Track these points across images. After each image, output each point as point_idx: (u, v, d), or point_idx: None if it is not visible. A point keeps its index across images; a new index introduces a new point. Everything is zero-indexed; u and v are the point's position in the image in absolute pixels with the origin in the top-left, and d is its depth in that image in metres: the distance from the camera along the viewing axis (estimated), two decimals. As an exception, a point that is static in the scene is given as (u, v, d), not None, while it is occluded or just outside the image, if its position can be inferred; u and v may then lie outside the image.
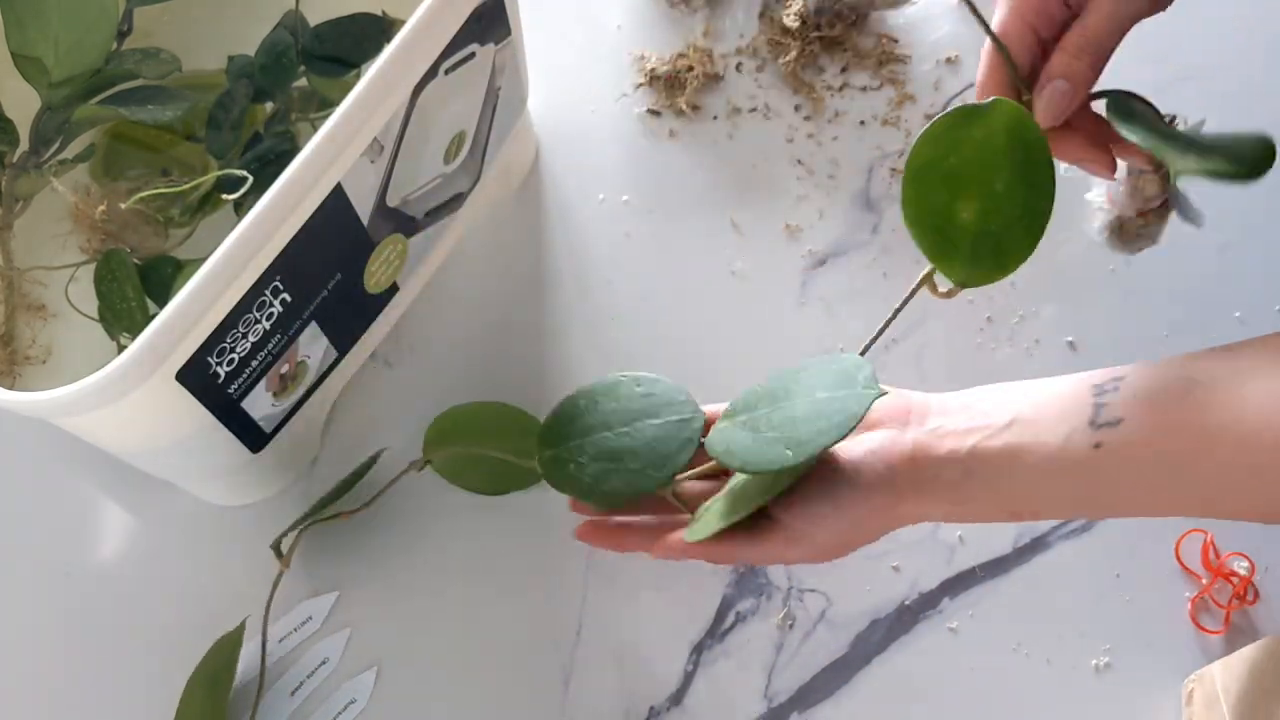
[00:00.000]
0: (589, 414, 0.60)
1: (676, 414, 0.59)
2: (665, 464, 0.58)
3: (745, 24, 0.78)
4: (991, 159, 0.45)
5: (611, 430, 0.59)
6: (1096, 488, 0.46)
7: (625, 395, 0.60)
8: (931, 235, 0.48)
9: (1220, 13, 0.78)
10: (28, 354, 0.65)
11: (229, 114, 0.65)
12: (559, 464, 0.59)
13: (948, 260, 0.48)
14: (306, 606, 0.64)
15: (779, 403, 0.53)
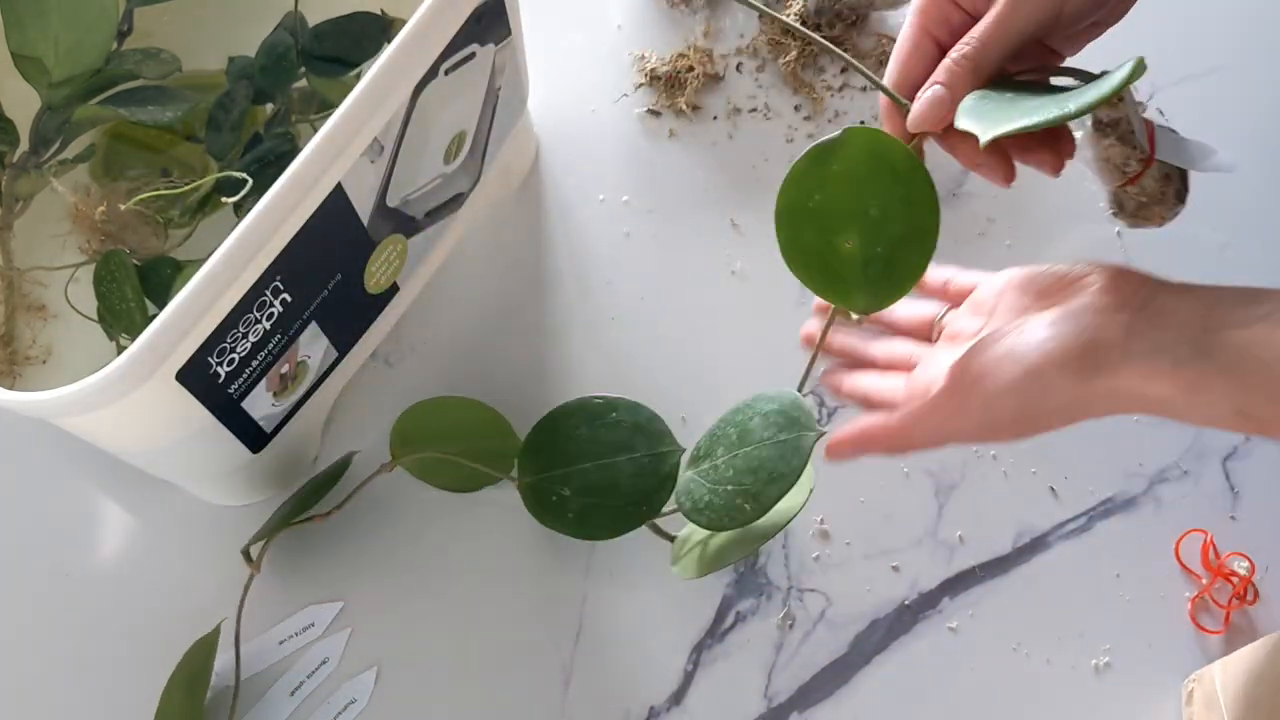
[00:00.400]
0: (568, 440, 0.61)
1: (652, 448, 0.60)
2: (648, 501, 0.59)
3: (745, 24, 0.79)
4: (858, 187, 0.45)
5: (591, 462, 0.60)
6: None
7: (603, 423, 0.60)
8: (817, 273, 0.47)
9: (1220, 14, 0.78)
10: (28, 354, 0.65)
11: (229, 115, 0.65)
12: (541, 495, 0.61)
13: (840, 293, 0.48)
14: (310, 612, 0.64)
15: (734, 450, 0.53)
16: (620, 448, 0.60)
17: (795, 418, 0.52)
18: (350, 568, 0.65)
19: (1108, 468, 0.67)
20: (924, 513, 0.66)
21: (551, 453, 0.61)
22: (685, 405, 0.68)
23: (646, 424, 0.60)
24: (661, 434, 0.60)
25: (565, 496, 0.60)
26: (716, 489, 0.54)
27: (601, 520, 0.60)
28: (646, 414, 0.61)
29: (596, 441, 0.60)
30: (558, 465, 0.60)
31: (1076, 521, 0.66)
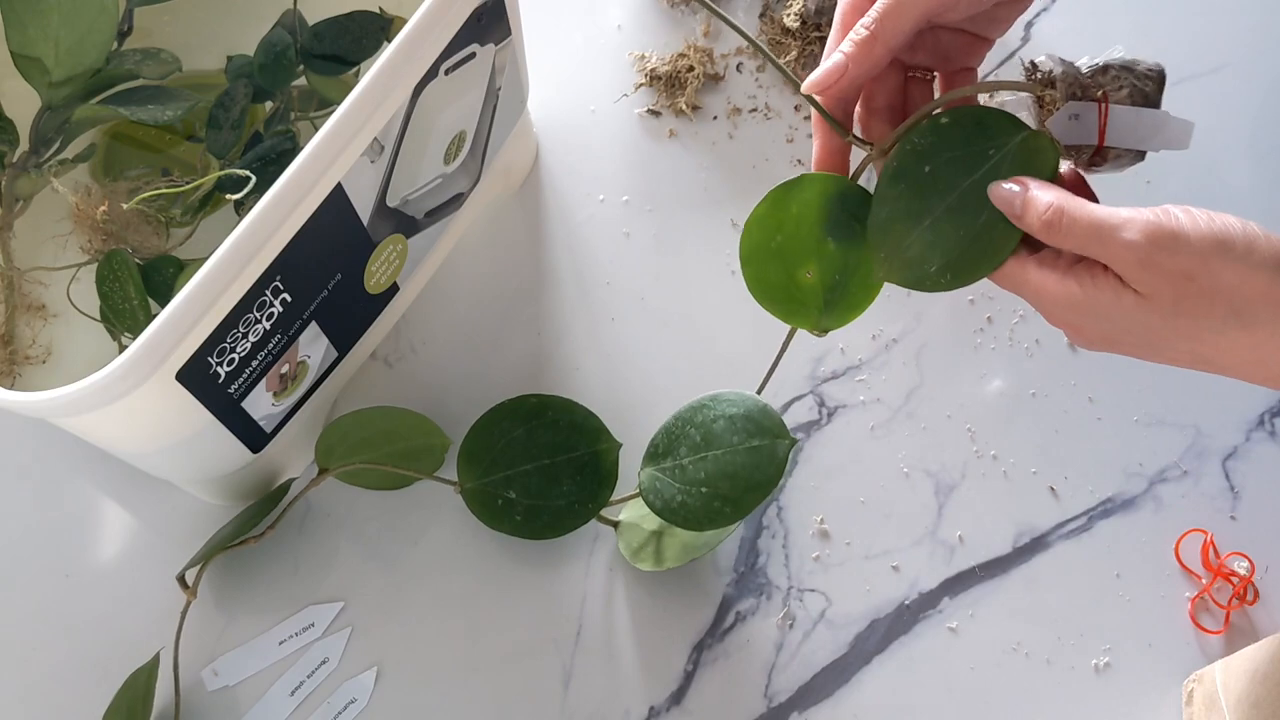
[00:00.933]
0: (506, 443, 0.62)
1: (591, 445, 0.62)
2: (594, 498, 0.61)
3: (745, 24, 0.78)
4: (815, 225, 0.48)
5: (532, 464, 0.61)
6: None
7: (540, 423, 0.62)
8: (781, 304, 0.51)
9: (1221, 13, 0.78)
10: (28, 354, 0.65)
11: (229, 114, 0.65)
12: (486, 499, 0.62)
13: (803, 318, 0.51)
14: (311, 612, 0.64)
15: (700, 451, 0.56)
16: (559, 448, 0.61)
17: (764, 425, 0.56)
18: (351, 568, 0.65)
19: (1108, 468, 0.67)
20: (924, 513, 0.66)
21: (491, 456, 0.62)
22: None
23: (583, 421, 0.62)
24: (598, 430, 0.62)
25: (510, 499, 0.61)
26: (689, 490, 0.56)
27: (548, 520, 0.61)
28: (581, 412, 0.62)
29: (534, 442, 0.61)
30: (498, 469, 0.61)
31: (1076, 521, 0.66)
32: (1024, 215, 0.45)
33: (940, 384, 0.69)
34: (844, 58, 0.48)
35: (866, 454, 0.67)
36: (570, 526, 0.62)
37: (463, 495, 0.62)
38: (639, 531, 0.63)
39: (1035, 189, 0.45)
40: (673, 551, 0.62)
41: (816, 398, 0.69)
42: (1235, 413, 0.68)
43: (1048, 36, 0.77)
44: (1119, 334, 0.46)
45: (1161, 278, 0.43)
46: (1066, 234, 0.44)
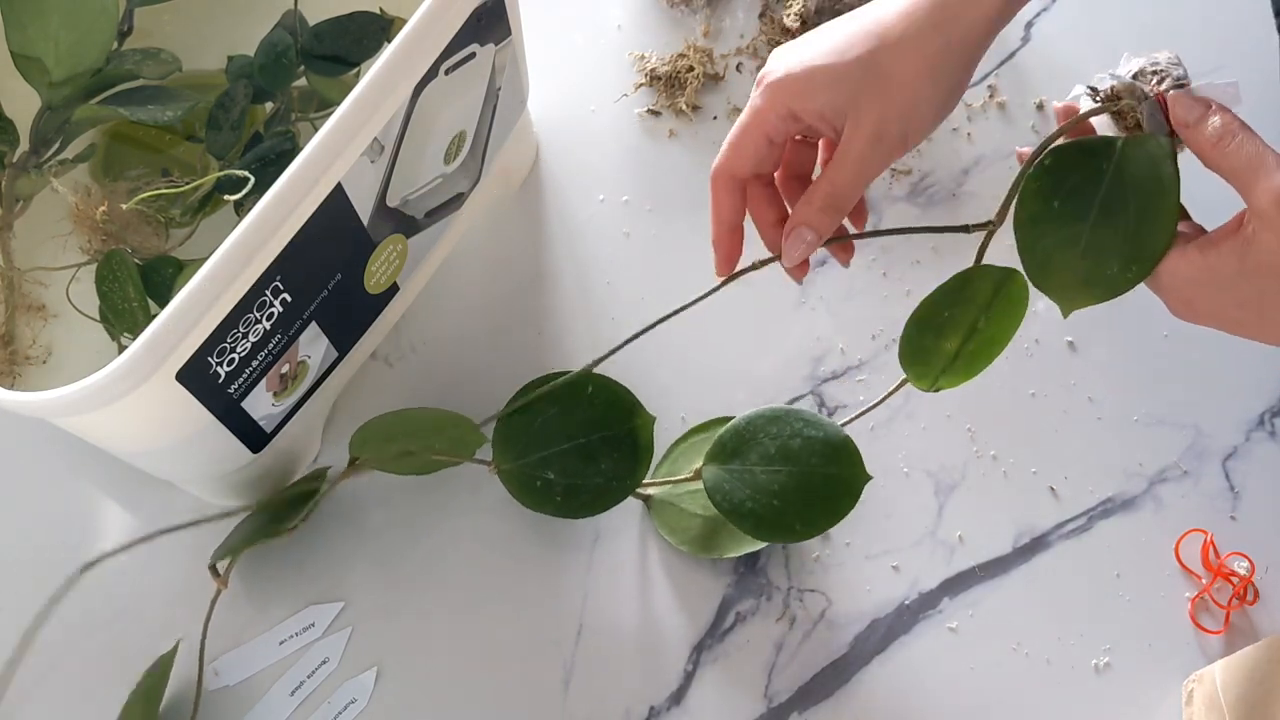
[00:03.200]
0: (540, 419, 0.61)
1: (626, 422, 0.61)
2: (631, 475, 0.61)
3: (745, 24, 0.79)
4: (978, 308, 0.53)
5: (570, 443, 0.61)
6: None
7: (575, 401, 0.61)
8: (919, 366, 0.55)
9: (1221, 14, 0.78)
10: (28, 354, 0.65)
11: (229, 114, 0.65)
12: (525, 480, 0.61)
13: (927, 379, 0.56)
14: (311, 612, 0.64)
15: (775, 464, 0.58)
16: (595, 424, 0.61)
17: (844, 455, 0.58)
18: (351, 568, 0.65)
19: (1108, 468, 0.67)
20: (924, 513, 0.66)
21: (527, 437, 0.61)
22: (685, 405, 0.68)
23: (617, 397, 0.61)
24: (633, 406, 0.61)
25: (549, 480, 0.61)
26: (758, 498, 0.58)
27: (587, 498, 0.61)
28: (616, 388, 0.62)
29: (570, 421, 0.61)
30: (535, 449, 0.61)
31: (1076, 521, 0.66)
32: (1199, 124, 0.47)
33: (940, 384, 0.69)
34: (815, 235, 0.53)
35: (867, 454, 0.67)
36: (609, 504, 0.62)
37: (500, 477, 0.61)
38: (682, 514, 0.64)
39: (1216, 107, 0.47)
40: (729, 543, 0.64)
41: (816, 398, 0.69)
42: (1235, 413, 0.68)
43: (1047, 36, 0.77)
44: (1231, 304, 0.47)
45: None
46: (1234, 152, 0.46)
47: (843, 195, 0.52)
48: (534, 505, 0.62)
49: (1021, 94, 0.76)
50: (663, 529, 0.64)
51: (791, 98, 0.51)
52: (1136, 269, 0.49)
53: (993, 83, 0.76)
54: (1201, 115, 0.47)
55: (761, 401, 0.68)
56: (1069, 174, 0.49)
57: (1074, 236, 0.49)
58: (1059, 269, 0.50)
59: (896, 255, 0.72)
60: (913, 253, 0.72)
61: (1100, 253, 0.49)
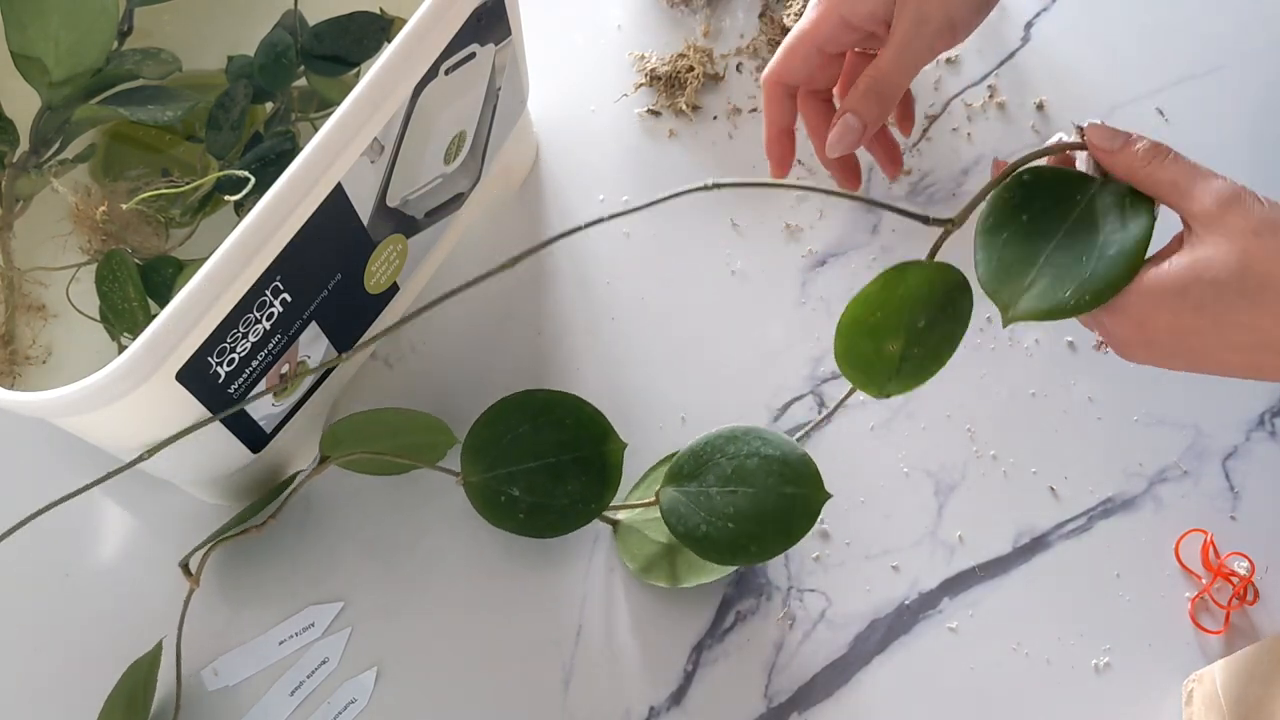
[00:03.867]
0: (511, 438, 0.61)
1: (596, 446, 0.61)
2: (598, 499, 0.61)
3: (745, 24, 0.79)
4: (915, 305, 0.51)
5: (537, 461, 0.61)
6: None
7: (546, 420, 0.61)
8: (861, 372, 0.53)
9: (1221, 14, 0.78)
10: (28, 354, 0.65)
11: (229, 114, 0.65)
12: (490, 495, 0.61)
13: (875, 385, 0.54)
14: (311, 612, 0.64)
15: (731, 485, 0.58)
16: (565, 446, 0.61)
17: (802, 473, 0.58)
18: (351, 568, 0.65)
19: (1108, 468, 0.67)
20: (924, 513, 0.66)
21: (496, 451, 0.61)
22: (685, 405, 0.68)
23: (589, 420, 0.61)
24: (605, 430, 0.61)
25: (514, 496, 0.61)
26: (714, 521, 0.58)
27: (550, 519, 0.61)
28: (589, 410, 0.61)
29: (540, 440, 0.61)
30: (502, 464, 0.61)
31: (1076, 521, 0.66)
32: (1123, 148, 0.47)
33: (940, 384, 0.69)
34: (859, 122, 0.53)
35: (866, 454, 0.67)
36: (573, 526, 0.62)
37: (465, 489, 0.61)
38: (644, 541, 0.63)
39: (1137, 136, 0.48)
40: (687, 571, 0.62)
41: (816, 398, 0.69)
42: (1235, 413, 0.68)
43: (1047, 37, 0.78)
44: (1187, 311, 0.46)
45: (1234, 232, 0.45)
46: (1169, 166, 0.47)
47: (887, 80, 0.52)
48: (496, 521, 0.62)
49: (1021, 94, 0.76)
50: (624, 555, 0.63)
51: (842, 4, 0.53)
52: (1089, 299, 0.48)
53: (992, 83, 0.76)
54: (1126, 140, 0.48)
55: (761, 401, 0.69)
56: (1044, 195, 0.49)
57: (1034, 254, 0.49)
58: (1012, 279, 0.49)
59: (897, 256, 0.72)
60: (913, 253, 0.71)
61: (1056, 275, 0.48)
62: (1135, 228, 0.48)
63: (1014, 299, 0.49)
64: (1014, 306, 0.49)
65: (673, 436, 0.67)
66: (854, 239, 0.72)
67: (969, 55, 0.77)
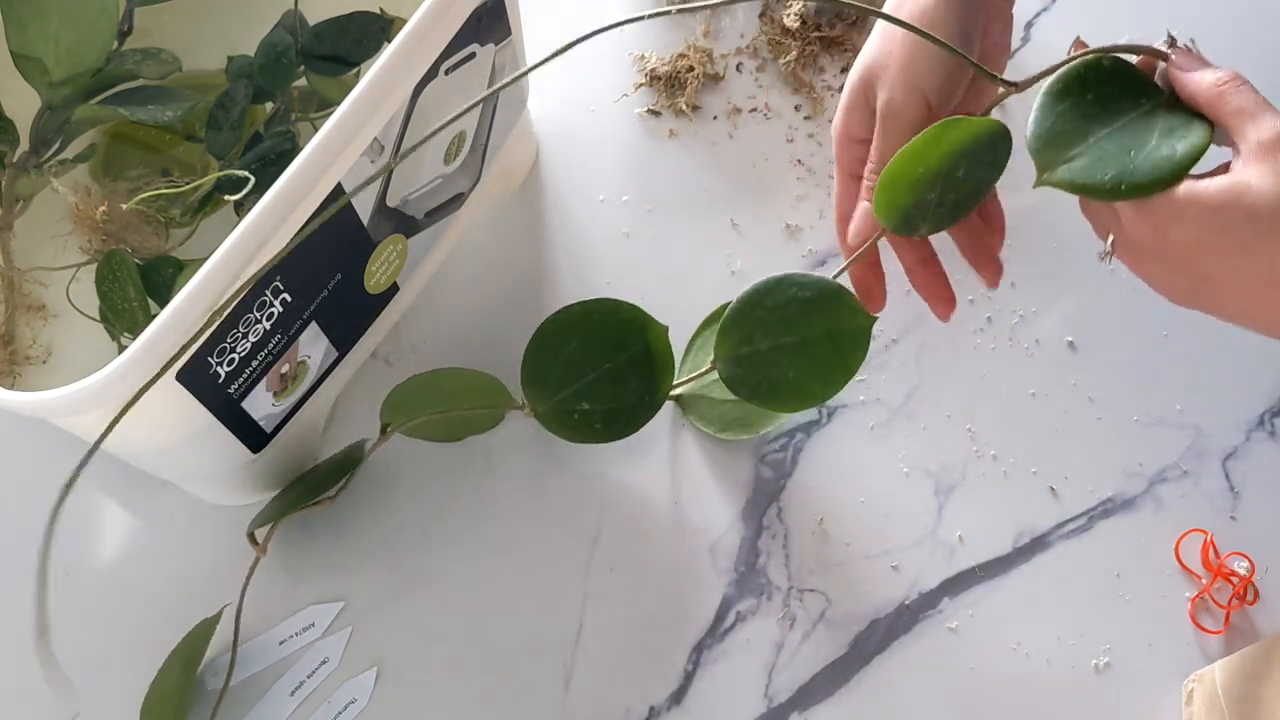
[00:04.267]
0: (563, 355, 0.62)
1: (642, 337, 0.62)
2: (659, 387, 0.62)
3: (745, 24, 0.79)
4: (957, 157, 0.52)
5: (595, 371, 0.62)
6: None
7: (590, 329, 0.62)
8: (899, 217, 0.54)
9: (1221, 14, 0.78)
10: (28, 354, 0.65)
11: (229, 114, 0.66)
12: (563, 416, 0.62)
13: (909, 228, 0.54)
14: (311, 612, 0.64)
15: (778, 337, 0.59)
16: (615, 349, 0.62)
17: (841, 305, 0.58)
18: (351, 567, 0.65)
19: (1108, 468, 0.67)
20: (924, 513, 0.66)
21: (555, 376, 0.62)
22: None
23: (629, 318, 0.62)
24: (644, 321, 0.62)
25: (585, 410, 0.62)
26: (773, 375, 0.59)
27: (625, 419, 0.63)
28: (624, 308, 0.62)
29: (590, 351, 0.62)
30: (565, 385, 0.62)
31: (1076, 521, 0.66)
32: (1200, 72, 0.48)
33: (940, 384, 0.69)
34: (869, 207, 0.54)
35: (866, 454, 0.67)
36: (647, 417, 0.63)
37: (538, 419, 0.62)
38: (712, 404, 0.66)
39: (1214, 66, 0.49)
40: (761, 419, 0.66)
41: (816, 398, 0.69)
42: (1235, 413, 0.68)
43: (1047, 37, 0.78)
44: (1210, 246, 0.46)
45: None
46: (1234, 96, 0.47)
47: (882, 165, 0.54)
48: (577, 438, 0.63)
49: (1022, 93, 0.76)
50: (699, 423, 0.66)
51: (840, 126, 0.58)
52: (1126, 189, 0.48)
53: (993, 83, 0.76)
54: (1205, 65, 0.49)
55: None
56: (1114, 85, 0.50)
57: (1086, 132, 0.49)
58: (1058, 146, 0.50)
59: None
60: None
61: (1101, 157, 0.49)
62: (1189, 142, 0.48)
63: (1053, 164, 0.49)
64: (1052, 171, 0.49)
65: (674, 438, 0.67)
66: (854, 239, 0.72)
67: (969, 55, 0.77)
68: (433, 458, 0.67)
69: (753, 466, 0.67)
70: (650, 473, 0.67)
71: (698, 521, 0.66)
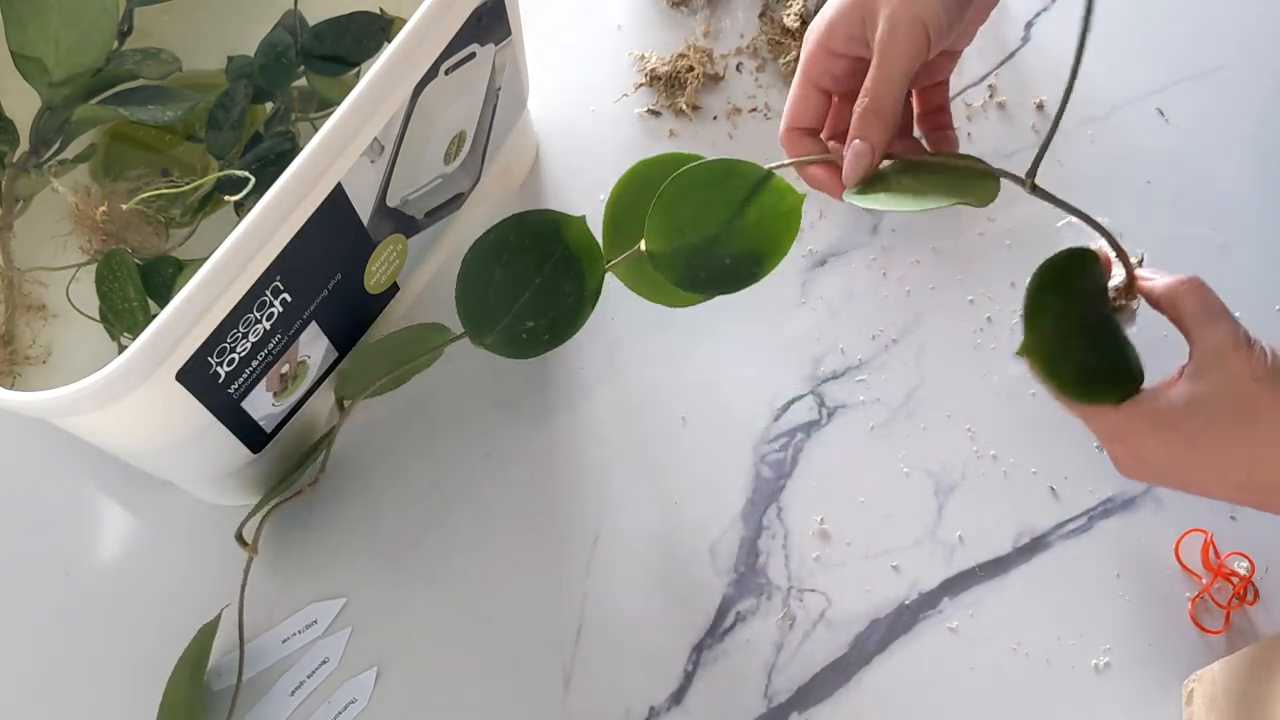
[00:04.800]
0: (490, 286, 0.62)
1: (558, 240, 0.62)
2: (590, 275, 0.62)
3: (745, 24, 0.79)
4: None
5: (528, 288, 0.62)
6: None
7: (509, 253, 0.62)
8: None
9: (1221, 14, 0.78)
10: (28, 354, 0.65)
11: (229, 114, 0.66)
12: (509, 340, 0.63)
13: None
14: (313, 610, 0.64)
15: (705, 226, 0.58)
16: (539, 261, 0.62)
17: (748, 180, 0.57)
18: (351, 567, 0.65)
19: (1108, 468, 0.67)
20: (924, 513, 0.66)
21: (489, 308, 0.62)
22: (685, 406, 0.68)
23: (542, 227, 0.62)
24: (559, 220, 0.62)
25: (531, 328, 0.62)
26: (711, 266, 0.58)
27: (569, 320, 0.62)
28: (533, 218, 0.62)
29: (517, 272, 0.62)
30: (502, 314, 0.62)
31: (1076, 521, 0.66)
32: (1156, 282, 0.51)
33: (940, 384, 0.69)
34: (867, 146, 0.53)
35: (866, 454, 0.67)
36: (588, 311, 0.63)
37: (487, 349, 0.62)
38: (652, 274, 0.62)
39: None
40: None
41: (816, 398, 0.69)
42: (1235, 413, 0.68)
43: (1048, 36, 0.78)
44: (1181, 444, 0.49)
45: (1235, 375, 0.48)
46: (1192, 296, 0.50)
47: (877, 94, 0.53)
48: (529, 354, 0.63)
49: (1021, 94, 0.76)
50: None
51: (821, 35, 0.55)
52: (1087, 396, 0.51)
53: (993, 82, 0.76)
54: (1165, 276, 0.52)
55: (762, 401, 0.69)
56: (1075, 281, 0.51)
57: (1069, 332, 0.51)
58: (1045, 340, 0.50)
59: (897, 256, 0.72)
60: (913, 252, 0.72)
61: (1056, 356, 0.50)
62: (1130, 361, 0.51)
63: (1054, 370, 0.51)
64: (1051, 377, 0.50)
65: (674, 439, 0.67)
66: (854, 239, 0.72)
67: (969, 55, 0.77)
68: (433, 458, 0.67)
69: (753, 466, 0.67)
70: (650, 473, 0.67)
71: (698, 521, 0.66)
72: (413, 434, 0.68)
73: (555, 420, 0.68)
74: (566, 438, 0.68)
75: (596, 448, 0.67)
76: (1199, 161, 0.73)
